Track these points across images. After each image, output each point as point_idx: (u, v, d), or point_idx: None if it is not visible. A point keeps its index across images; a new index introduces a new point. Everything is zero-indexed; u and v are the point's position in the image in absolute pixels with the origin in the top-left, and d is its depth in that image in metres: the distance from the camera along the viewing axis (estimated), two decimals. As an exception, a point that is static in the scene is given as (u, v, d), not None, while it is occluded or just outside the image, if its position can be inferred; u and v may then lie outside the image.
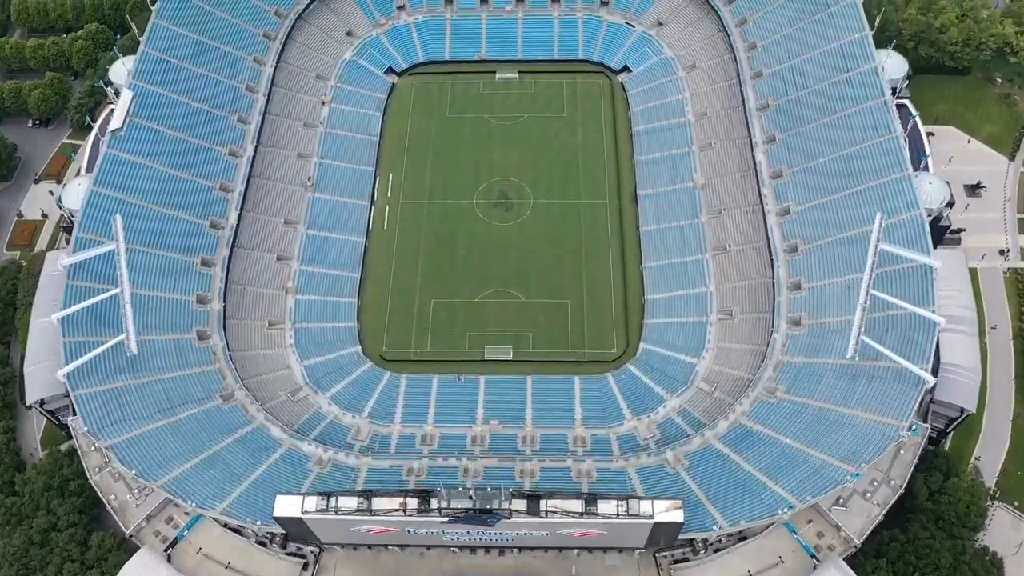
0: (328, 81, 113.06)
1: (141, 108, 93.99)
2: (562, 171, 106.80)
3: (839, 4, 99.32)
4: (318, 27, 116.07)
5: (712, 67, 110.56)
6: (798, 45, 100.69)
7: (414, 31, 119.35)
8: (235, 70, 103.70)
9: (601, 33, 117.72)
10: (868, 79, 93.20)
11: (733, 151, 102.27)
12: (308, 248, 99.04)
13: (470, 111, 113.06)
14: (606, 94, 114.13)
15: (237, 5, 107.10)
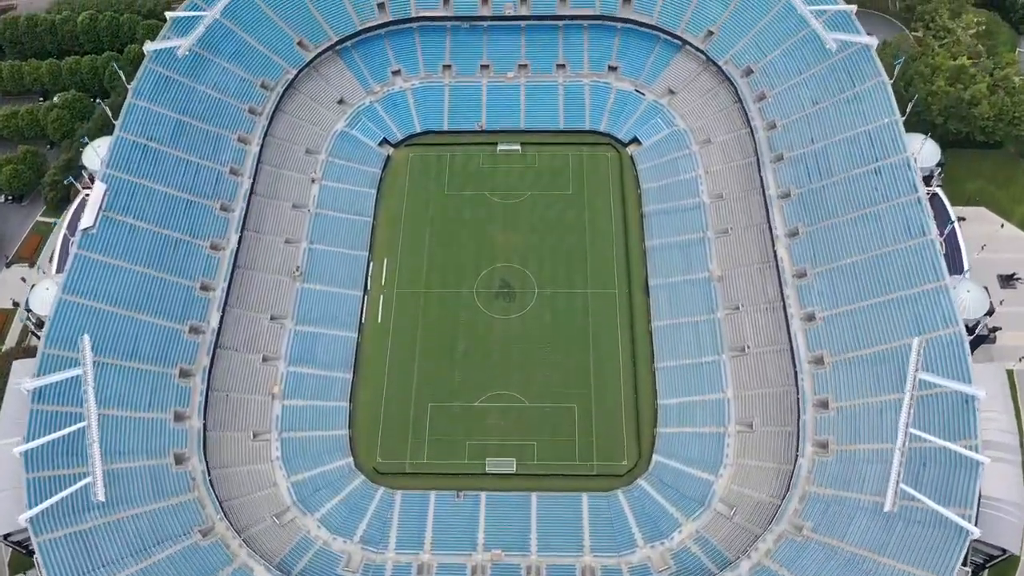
0: (318, 155, 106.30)
1: (115, 201, 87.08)
2: (568, 256, 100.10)
3: (866, 84, 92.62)
4: (308, 96, 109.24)
5: (728, 142, 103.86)
6: (822, 127, 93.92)
7: (410, 98, 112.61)
8: (218, 151, 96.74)
9: (609, 101, 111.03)
10: (899, 172, 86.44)
11: (752, 240, 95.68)
12: (296, 346, 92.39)
13: (470, 187, 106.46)
14: (614, 168, 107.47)
15: (221, 78, 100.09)
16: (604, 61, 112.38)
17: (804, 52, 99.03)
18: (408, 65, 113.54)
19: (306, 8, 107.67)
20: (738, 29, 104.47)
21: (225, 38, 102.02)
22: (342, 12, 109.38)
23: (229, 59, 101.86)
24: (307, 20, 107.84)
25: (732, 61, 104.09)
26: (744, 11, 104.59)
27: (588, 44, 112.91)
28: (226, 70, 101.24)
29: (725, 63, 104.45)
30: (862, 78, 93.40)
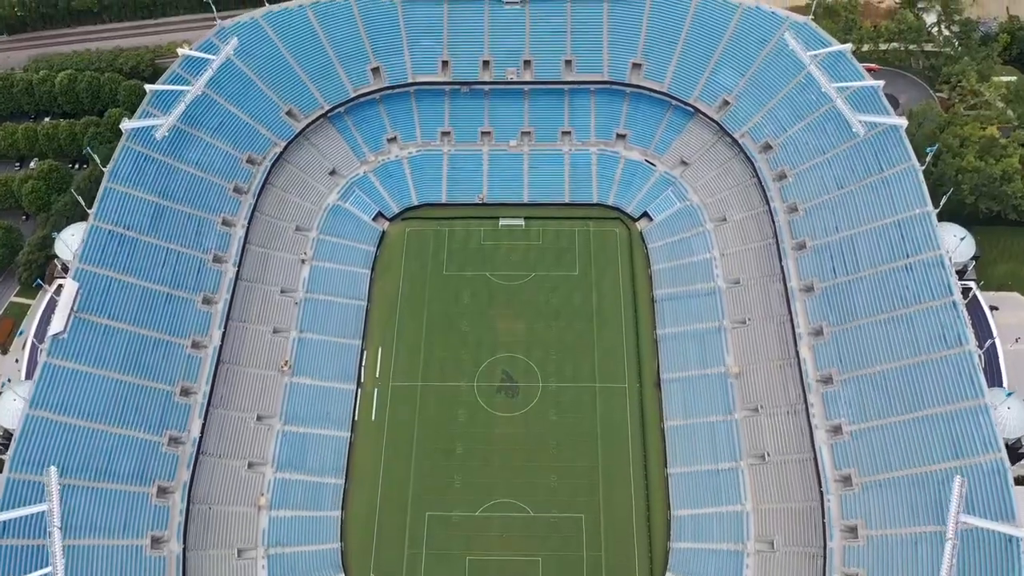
0: (309, 233, 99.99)
1: (88, 300, 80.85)
2: (574, 346, 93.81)
3: (895, 168, 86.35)
4: (298, 167, 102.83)
5: (745, 221, 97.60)
6: (847, 214, 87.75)
7: (407, 168, 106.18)
8: (200, 237, 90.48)
9: (617, 172, 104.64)
10: (932, 271, 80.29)
11: (772, 333, 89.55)
12: (285, 449, 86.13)
13: (470, 267, 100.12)
14: (623, 246, 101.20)
15: (204, 155, 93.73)
16: (612, 128, 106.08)
17: (827, 128, 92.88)
18: (405, 131, 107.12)
19: (295, 75, 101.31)
20: (755, 100, 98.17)
21: (208, 110, 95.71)
22: (334, 78, 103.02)
23: (213, 133, 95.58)
24: (297, 88, 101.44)
25: (749, 135, 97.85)
26: (761, 80, 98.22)
27: (595, 109, 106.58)
28: (210, 145, 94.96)
29: (741, 136, 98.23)
30: (891, 161, 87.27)
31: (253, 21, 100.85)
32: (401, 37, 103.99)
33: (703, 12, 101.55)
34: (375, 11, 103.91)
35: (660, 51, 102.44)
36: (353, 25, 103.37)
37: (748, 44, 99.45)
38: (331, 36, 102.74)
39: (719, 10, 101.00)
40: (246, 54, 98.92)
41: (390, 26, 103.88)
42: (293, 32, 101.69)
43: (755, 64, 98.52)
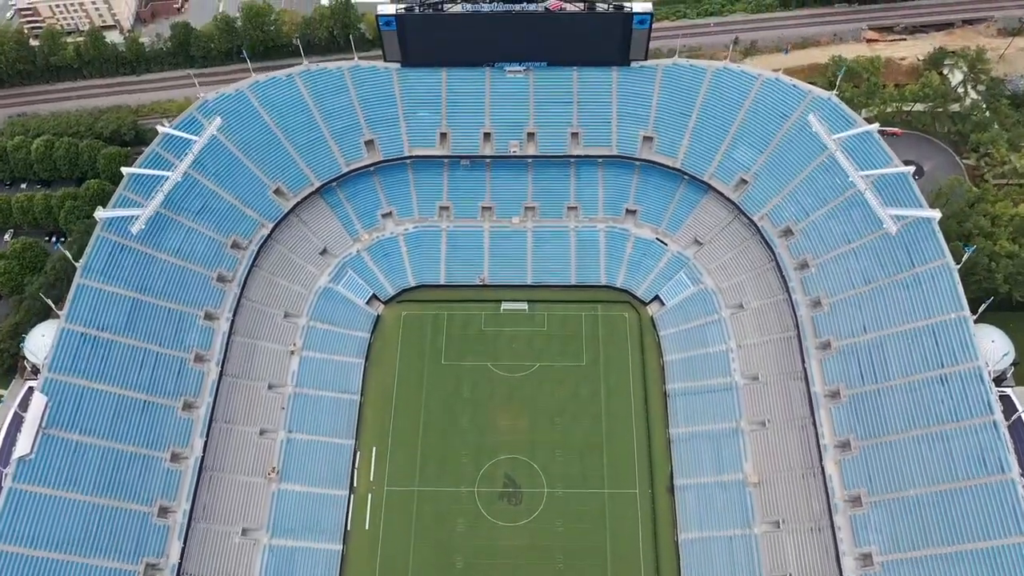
0: (299, 320, 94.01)
1: (57, 414, 74.46)
2: (582, 447, 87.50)
3: (927, 265, 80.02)
4: (287, 247, 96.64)
5: (764, 310, 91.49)
6: (876, 314, 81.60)
7: (403, 245, 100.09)
8: (180, 334, 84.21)
9: (627, 251, 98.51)
10: (970, 385, 73.95)
11: (793, 439, 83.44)
12: (271, 566, 79.83)
13: (470, 356, 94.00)
14: (633, 333, 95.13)
15: (185, 242, 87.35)
16: (621, 203, 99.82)
17: (853, 216, 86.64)
18: (401, 206, 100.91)
19: (284, 151, 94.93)
20: (775, 180, 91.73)
21: (190, 192, 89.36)
22: (326, 153, 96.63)
23: (195, 217, 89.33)
24: (285, 164, 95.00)
25: (768, 218, 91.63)
26: (782, 159, 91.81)
27: (604, 183, 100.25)
28: (191, 231, 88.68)
29: (760, 219, 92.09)
30: (923, 257, 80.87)
31: (239, 93, 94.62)
32: (397, 108, 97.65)
33: (719, 83, 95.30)
34: (369, 80, 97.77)
35: (673, 124, 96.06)
36: (346, 95, 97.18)
37: (767, 119, 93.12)
38: (322, 107, 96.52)
39: (736, 81, 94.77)
40: (231, 130, 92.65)
41: (385, 96, 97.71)
42: (281, 104, 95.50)
43: (775, 141, 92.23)
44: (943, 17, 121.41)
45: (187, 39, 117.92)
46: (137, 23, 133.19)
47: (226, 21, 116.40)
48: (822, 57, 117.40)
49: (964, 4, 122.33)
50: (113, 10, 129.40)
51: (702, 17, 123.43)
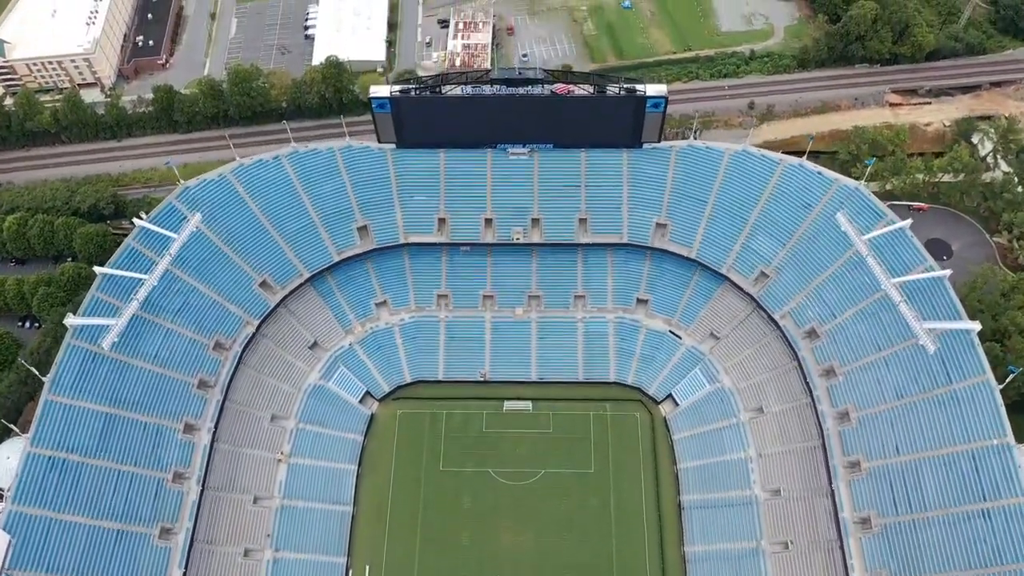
0: (287, 423, 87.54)
1: (21, 554, 67.76)
2: (590, 567, 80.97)
3: (966, 381, 73.64)
4: (274, 341, 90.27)
5: (786, 416, 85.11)
6: (910, 433, 75.05)
7: (399, 337, 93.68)
8: (157, 451, 77.36)
9: (638, 345, 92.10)
10: (1016, 525, 67.67)
11: (818, 564, 77.02)
12: None
13: (470, 462, 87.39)
14: (645, 435, 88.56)
15: (164, 345, 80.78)
16: (632, 292, 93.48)
17: (883, 319, 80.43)
18: (396, 294, 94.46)
19: (271, 240, 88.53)
20: (798, 275, 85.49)
21: (169, 289, 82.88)
22: (315, 241, 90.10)
23: (175, 317, 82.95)
24: (272, 254, 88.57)
25: (791, 316, 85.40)
26: (805, 252, 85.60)
27: (613, 270, 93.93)
28: (171, 333, 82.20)
29: (782, 317, 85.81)
30: (962, 372, 74.50)
31: (222, 179, 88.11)
32: (392, 191, 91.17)
33: (737, 167, 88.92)
34: (362, 162, 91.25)
35: (688, 210, 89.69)
36: (337, 178, 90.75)
37: (790, 208, 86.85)
38: (312, 191, 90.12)
39: (756, 166, 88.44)
40: (213, 219, 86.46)
41: (379, 179, 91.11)
42: (268, 189, 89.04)
43: (798, 232, 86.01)
44: (969, 80, 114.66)
45: (170, 103, 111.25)
46: (119, 80, 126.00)
47: (211, 85, 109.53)
48: (843, 123, 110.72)
49: (991, 66, 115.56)
50: (94, 68, 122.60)
51: (715, 79, 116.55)
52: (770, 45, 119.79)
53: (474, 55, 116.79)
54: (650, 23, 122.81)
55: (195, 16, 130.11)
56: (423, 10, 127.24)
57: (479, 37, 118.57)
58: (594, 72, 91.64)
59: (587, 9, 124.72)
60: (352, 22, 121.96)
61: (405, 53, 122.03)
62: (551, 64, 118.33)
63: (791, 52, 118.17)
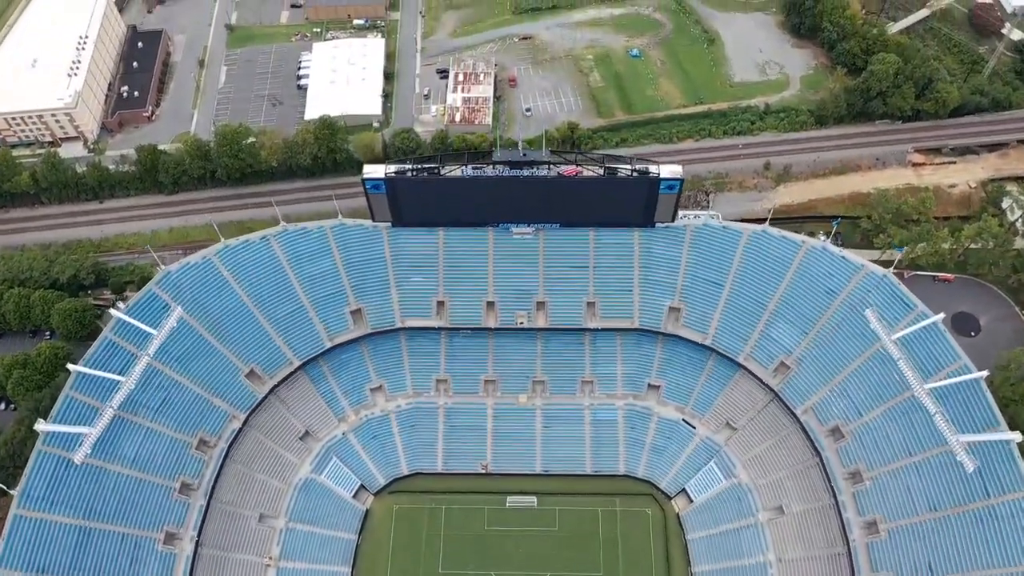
0: (276, 522, 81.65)
1: None
2: None
3: (1005, 496, 67.41)
4: (263, 432, 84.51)
5: (807, 517, 79.29)
6: (944, 551, 68.90)
7: (395, 426, 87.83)
8: (136, 566, 71.15)
9: (649, 434, 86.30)
10: (1063, 663, 63.69)
11: None
12: None
13: (472, 563, 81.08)
14: (657, 534, 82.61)
15: (143, 446, 75.02)
16: (643, 377, 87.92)
17: (914, 422, 74.56)
18: (392, 379, 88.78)
19: (258, 327, 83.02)
20: (821, 368, 79.90)
21: (149, 384, 77.09)
22: (306, 326, 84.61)
23: (155, 415, 77.31)
24: (260, 342, 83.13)
25: (814, 412, 79.88)
26: (829, 343, 79.96)
27: (623, 354, 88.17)
28: (151, 432, 76.49)
29: (804, 412, 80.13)
30: (1000, 486, 68.71)
31: (206, 262, 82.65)
32: (387, 272, 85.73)
33: (756, 248, 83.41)
34: (355, 241, 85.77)
35: (703, 294, 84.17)
36: (329, 259, 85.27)
37: (812, 294, 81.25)
38: (302, 273, 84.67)
39: (776, 248, 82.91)
40: (196, 306, 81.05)
41: (373, 259, 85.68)
42: (255, 271, 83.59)
43: (821, 321, 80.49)
44: (995, 137, 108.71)
45: (155, 164, 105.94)
46: (103, 133, 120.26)
47: (197, 145, 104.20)
48: (864, 185, 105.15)
49: (1018, 122, 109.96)
50: (76, 122, 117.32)
51: (729, 136, 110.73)
52: (786, 97, 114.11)
53: (475, 109, 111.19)
54: (660, 73, 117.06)
55: (183, 64, 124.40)
56: (421, 59, 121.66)
57: (480, 90, 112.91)
58: (605, 153, 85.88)
59: (593, 58, 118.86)
60: (347, 72, 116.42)
61: (402, 106, 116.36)
62: (557, 118, 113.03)
63: (808, 105, 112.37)
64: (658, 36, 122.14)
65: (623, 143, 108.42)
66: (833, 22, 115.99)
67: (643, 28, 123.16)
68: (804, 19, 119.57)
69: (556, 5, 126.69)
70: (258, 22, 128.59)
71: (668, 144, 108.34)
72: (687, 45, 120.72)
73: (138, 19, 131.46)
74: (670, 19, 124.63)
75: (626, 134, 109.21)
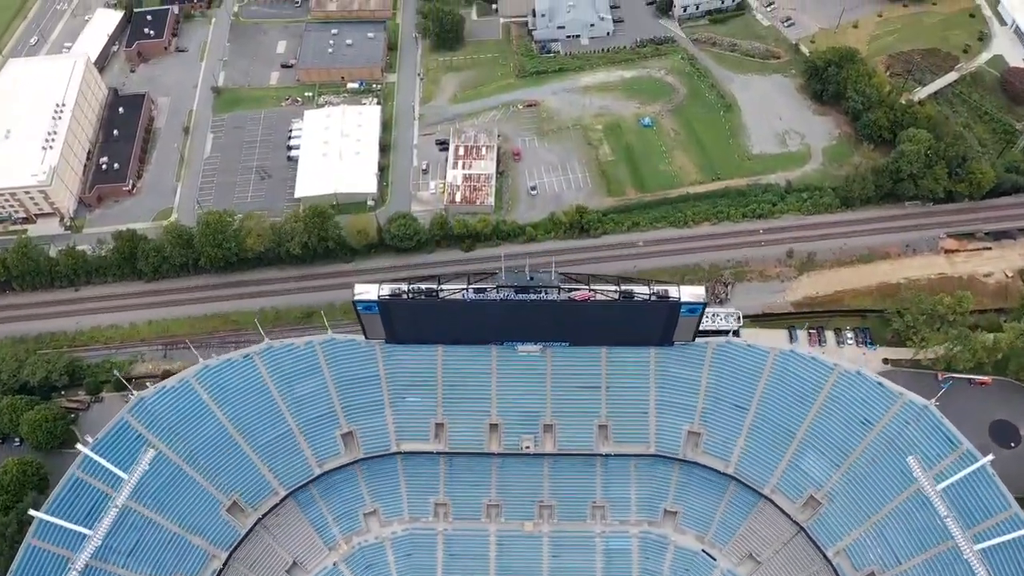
0: (260, 673, 76.49)
1: None
2: None
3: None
4: (247, 566, 76.34)
5: (839, 670, 74.20)
6: None
7: (390, 555, 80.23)
8: None
9: (665, 564, 78.72)
10: None
11: None
12: None
13: None
14: None
15: (113, 604, 70.04)
16: (659, 502, 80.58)
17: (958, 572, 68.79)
18: (388, 503, 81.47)
19: (240, 454, 75.89)
20: (856, 506, 72.76)
21: (121, 525, 69.65)
22: (293, 452, 77.59)
23: (126, 560, 69.69)
24: (243, 471, 75.98)
25: (847, 554, 72.44)
26: (863, 480, 72.89)
27: (636, 477, 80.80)
28: (117, 585, 71.25)
29: (836, 555, 73.14)
30: (1057, 658, 63.89)
31: (183, 385, 75.65)
32: (382, 392, 78.95)
33: (784, 370, 76.47)
34: (347, 358, 78.95)
35: (725, 418, 77.29)
36: (318, 377, 78.33)
37: (845, 423, 74.38)
38: (288, 394, 77.78)
39: (806, 370, 75.91)
40: (174, 435, 74.18)
41: (367, 378, 78.87)
42: (238, 394, 76.64)
43: (855, 453, 73.57)
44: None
45: (133, 251, 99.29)
46: (81, 207, 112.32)
47: (179, 232, 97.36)
48: (893, 274, 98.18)
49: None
50: (51, 199, 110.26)
51: (748, 219, 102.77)
52: (808, 172, 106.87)
53: (476, 188, 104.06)
54: (673, 145, 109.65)
55: (166, 130, 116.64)
56: (419, 127, 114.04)
57: (482, 166, 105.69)
58: (620, 276, 78.38)
59: (603, 128, 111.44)
60: (340, 145, 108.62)
61: (399, 180, 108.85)
62: (564, 197, 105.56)
63: (832, 182, 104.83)
64: (671, 102, 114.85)
65: (635, 227, 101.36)
66: (859, 91, 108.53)
67: (655, 93, 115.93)
68: (827, 86, 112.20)
69: (562, 68, 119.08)
70: (247, 83, 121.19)
71: (683, 228, 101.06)
72: (702, 112, 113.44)
73: (120, 79, 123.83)
74: (683, 83, 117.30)
75: (638, 216, 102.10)
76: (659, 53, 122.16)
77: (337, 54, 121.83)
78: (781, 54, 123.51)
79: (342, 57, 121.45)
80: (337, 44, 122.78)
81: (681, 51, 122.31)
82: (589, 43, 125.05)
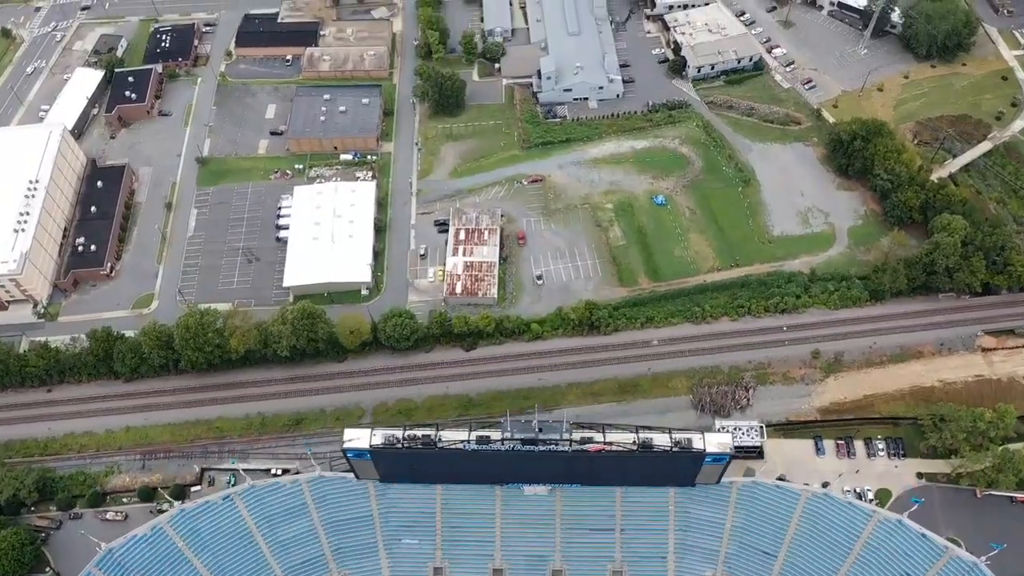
0: None
1: None
2: None
3: None
4: None
5: None
6: None
7: None
8: None
9: None
10: None
11: None
12: None
13: None
14: None
15: None
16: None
17: None
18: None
19: (221, 609, 70.56)
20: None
21: None
22: (278, 602, 72.45)
23: None
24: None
25: None
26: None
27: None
28: None
29: None
30: None
31: (156, 533, 68.93)
32: (375, 534, 72.14)
33: (817, 513, 69.73)
34: (337, 498, 72.18)
35: (752, 565, 70.37)
36: (305, 519, 71.53)
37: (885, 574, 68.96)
38: (272, 538, 71.02)
39: (840, 515, 69.13)
40: (144, 589, 68.62)
41: (359, 519, 72.08)
42: (217, 539, 70.00)
43: (896, 612, 68.17)
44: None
45: (109, 351, 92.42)
46: (56, 292, 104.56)
47: (158, 335, 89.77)
48: (926, 375, 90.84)
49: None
50: (23, 287, 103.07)
51: (770, 313, 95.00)
52: (833, 257, 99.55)
53: (478, 278, 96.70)
54: (689, 225, 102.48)
55: (148, 205, 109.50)
56: (417, 204, 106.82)
57: (484, 252, 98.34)
58: (639, 426, 71.65)
59: (613, 207, 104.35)
60: (332, 226, 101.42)
61: (396, 266, 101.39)
62: (573, 288, 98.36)
63: (859, 269, 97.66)
64: (686, 177, 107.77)
65: (649, 322, 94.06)
66: (887, 169, 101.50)
67: (669, 167, 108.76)
68: (852, 161, 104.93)
69: (569, 138, 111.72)
70: (233, 152, 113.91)
71: (701, 324, 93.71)
72: (719, 188, 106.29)
73: (100, 146, 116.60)
74: (699, 153, 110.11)
75: (652, 311, 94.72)
76: (672, 120, 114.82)
77: (330, 122, 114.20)
78: (802, 119, 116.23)
79: (335, 126, 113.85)
80: (330, 111, 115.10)
81: (696, 117, 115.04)
82: (597, 106, 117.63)
